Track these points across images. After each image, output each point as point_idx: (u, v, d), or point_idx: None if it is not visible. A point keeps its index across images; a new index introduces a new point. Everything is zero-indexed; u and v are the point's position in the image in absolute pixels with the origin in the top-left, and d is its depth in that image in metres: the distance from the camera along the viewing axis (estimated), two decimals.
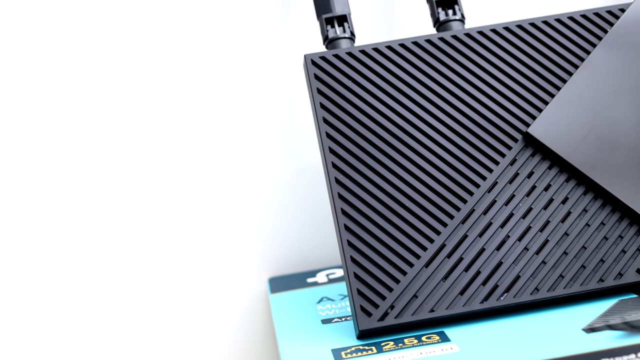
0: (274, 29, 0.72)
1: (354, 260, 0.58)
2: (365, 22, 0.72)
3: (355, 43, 0.70)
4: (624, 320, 0.55)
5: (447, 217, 0.59)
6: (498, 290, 0.57)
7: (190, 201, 0.73)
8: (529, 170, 0.60)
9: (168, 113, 0.72)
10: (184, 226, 0.73)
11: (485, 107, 0.61)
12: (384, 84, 0.61)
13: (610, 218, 0.59)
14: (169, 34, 0.71)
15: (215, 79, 0.72)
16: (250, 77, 0.72)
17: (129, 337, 0.73)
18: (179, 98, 0.72)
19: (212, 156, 0.73)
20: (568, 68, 0.62)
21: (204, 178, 0.73)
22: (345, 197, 0.59)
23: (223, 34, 0.72)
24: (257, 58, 0.72)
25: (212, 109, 0.72)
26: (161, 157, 0.72)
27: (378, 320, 0.56)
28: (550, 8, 0.72)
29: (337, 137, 0.60)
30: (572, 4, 0.72)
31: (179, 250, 0.73)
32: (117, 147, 0.72)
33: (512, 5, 0.73)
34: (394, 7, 0.72)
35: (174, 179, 0.72)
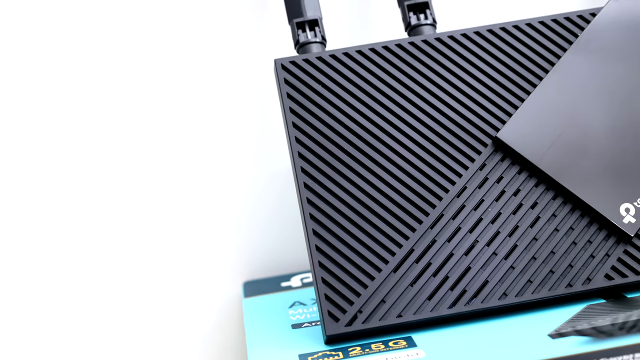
0: (248, 33, 0.72)
1: (322, 265, 0.58)
2: (340, 27, 0.72)
3: (329, 47, 0.70)
4: (592, 325, 0.55)
5: (415, 222, 0.59)
6: (466, 295, 0.57)
7: (166, 205, 0.73)
8: (498, 175, 0.60)
9: (141, 118, 0.72)
10: (159, 231, 0.73)
11: (455, 112, 0.61)
12: (354, 89, 0.61)
13: (579, 223, 0.59)
14: (141, 38, 0.71)
15: (189, 84, 0.72)
16: (225, 81, 0.72)
17: (101, 341, 0.73)
18: (152, 103, 0.72)
19: (186, 160, 0.73)
20: (539, 72, 0.62)
21: (178, 182, 0.73)
22: (313, 202, 0.59)
23: (196, 39, 0.72)
24: (231, 62, 0.72)
25: (186, 113, 0.72)
26: (135, 162, 0.72)
27: (345, 326, 0.56)
28: (523, 12, 0.72)
29: (306, 142, 0.60)
30: (545, 8, 0.72)
31: (154, 254, 0.73)
32: (89, 153, 0.72)
33: (484, 9, 0.73)
34: (368, 11, 0.72)
35: (148, 183, 0.72)
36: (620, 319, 0.55)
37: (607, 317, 0.56)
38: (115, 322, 0.73)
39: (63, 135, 0.71)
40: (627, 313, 0.56)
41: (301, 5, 0.65)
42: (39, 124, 0.71)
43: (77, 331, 0.73)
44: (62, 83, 0.71)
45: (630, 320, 0.55)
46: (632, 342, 0.52)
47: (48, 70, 0.71)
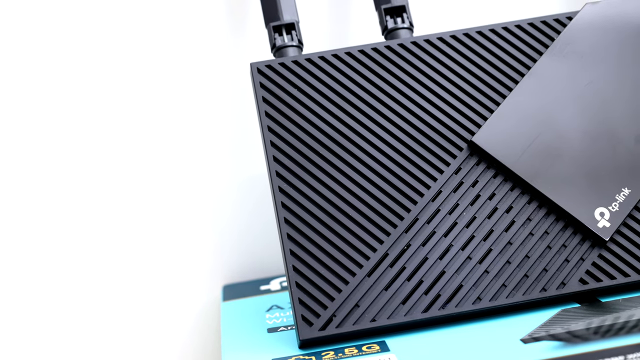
0: (228, 37, 0.72)
1: (296, 269, 0.58)
2: (318, 30, 0.72)
3: (308, 51, 0.70)
4: (566, 329, 0.54)
5: (390, 226, 0.59)
6: (440, 300, 0.57)
7: (145, 209, 0.73)
8: (474, 179, 0.60)
9: (119, 122, 0.72)
10: (139, 234, 0.73)
11: (430, 116, 0.61)
12: (330, 93, 0.61)
13: (554, 227, 0.59)
14: (120, 42, 0.71)
15: (169, 88, 0.72)
16: (206, 85, 0.72)
17: (78, 345, 0.73)
18: (131, 106, 0.72)
19: (165, 163, 0.73)
20: (514, 76, 0.62)
21: (158, 185, 0.73)
22: (288, 206, 0.59)
23: (176, 43, 0.72)
24: (212, 66, 0.72)
25: (165, 116, 0.72)
26: (114, 166, 0.72)
27: (319, 330, 0.56)
28: (500, 16, 0.72)
29: (281, 145, 0.60)
30: (523, 11, 0.72)
31: (133, 257, 0.73)
32: (69, 156, 0.72)
33: (462, 13, 0.73)
34: (346, 15, 0.72)
35: (128, 186, 0.72)
36: (595, 323, 0.55)
37: (581, 321, 0.55)
38: (93, 325, 0.73)
39: (39, 143, 0.71)
40: (602, 317, 0.56)
41: (278, 8, 0.65)
42: (17, 127, 0.71)
43: (54, 332, 0.72)
44: (43, 89, 0.71)
45: (605, 324, 0.55)
46: (607, 346, 0.52)
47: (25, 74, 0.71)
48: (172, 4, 0.71)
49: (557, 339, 0.53)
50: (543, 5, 0.73)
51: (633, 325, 0.54)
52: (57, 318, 0.72)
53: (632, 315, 0.55)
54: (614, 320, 0.55)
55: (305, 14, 0.71)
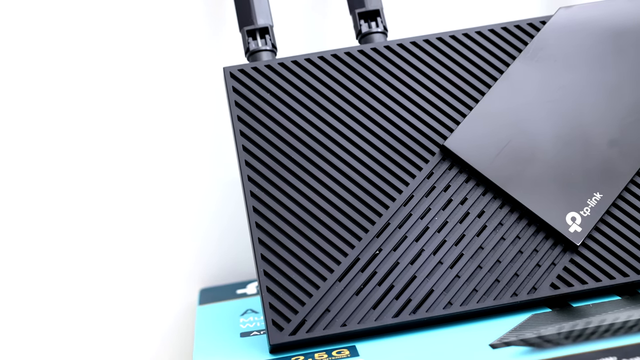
0: (206, 41, 0.72)
1: (267, 274, 0.57)
2: (294, 35, 0.72)
3: (284, 55, 0.70)
4: (537, 334, 0.54)
5: (361, 231, 0.58)
6: (411, 305, 0.57)
7: (124, 213, 0.73)
8: (446, 183, 0.60)
9: (97, 125, 0.72)
10: (116, 239, 0.73)
11: (403, 120, 0.61)
12: (302, 97, 0.61)
13: (526, 232, 0.59)
14: (95, 45, 0.71)
15: (148, 92, 0.72)
16: (185, 89, 0.72)
17: (53, 346, 0.72)
18: (111, 110, 0.72)
19: (143, 167, 0.72)
20: (487, 81, 0.62)
21: (136, 189, 0.73)
22: (260, 211, 0.59)
23: (155, 47, 0.71)
24: (189, 70, 0.72)
25: (143, 120, 0.72)
26: (92, 169, 0.72)
27: (290, 335, 0.56)
28: (475, 20, 0.71)
29: (253, 150, 0.60)
30: (498, 16, 0.72)
31: (113, 260, 0.73)
32: (48, 159, 0.72)
33: (437, 17, 0.73)
34: (322, 19, 0.72)
35: (107, 190, 0.72)
36: (566, 328, 0.55)
37: (552, 326, 0.55)
38: (69, 326, 0.73)
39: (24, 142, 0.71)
40: (573, 322, 0.56)
41: (252, 13, 0.65)
42: None
43: (30, 333, 0.72)
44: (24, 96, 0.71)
45: (576, 329, 0.55)
46: (579, 351, 0.52)
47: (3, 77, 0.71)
48: (151, 7, 0.71)
49: (528, 343, 0.53)
50: (524, 9, 0.73)
51: (605, 330, 0.54)
52: (33, 319, 0.72)
53: (603, 320, 0.55)
54: (585, 325, 0.55)
55: (282, 18, 0.71)
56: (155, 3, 0.71)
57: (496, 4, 0.74)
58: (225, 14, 0.71)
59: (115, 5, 0.71)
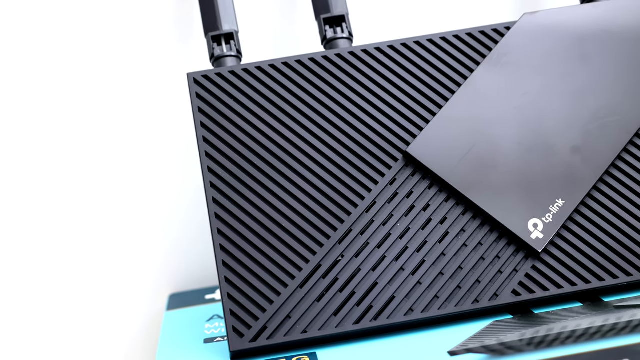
0: (175, 46, 0.72)
1: (228, 280, 0.57)
2: (263, 40, 0.72)
3: (251, 60, 0.70)
4: (499, 341, 0.54)
5: (323, 237, 0.58)
6: (372, 311, 0.57)
7: (95, 218, 0.73)
8: (408, 189, 0.60)
9: (69, 126, 0.72)
10: (86, 244, 0.73)
11: (366, 126, 0.61)
12: (266, 103, 0.61)
13: (488, 238, 0.59)
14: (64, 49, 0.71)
15: (116, 97, 0.72)
16: (157, 94, 0.72)
17: (17, 355, 0.72)
18: (82, 112, 0.72)
19: (113, 170, 0.72)
20: (451, 87, 0.62)
21: (106, 194, 0.72)
22: (222, 217, 0.59)
23: (125, 52, 0.71)
24: (160, 75, 0.72)
25: (114, 125, 0.72)
26: (61, 172, 0.72)
27: (250, 341, 0.56)
28: (441, 26, 0.71)
29: (216, 156, 0.60)
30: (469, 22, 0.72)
31: (82, 265, 0.73)
32: (16, 166, 0.72)
33: (404, 22, 0.73)
34: (290, 25, 0.72)
35: (75, 194, 0.72)
36: (528, 334, 0.55)
37: (514, 332, 0.55)
38: (34, 335, 0.73)
39: None
40: (535, 329, 0.55)
41: (217, 18, 0.65)
42: None
43: None
44: None
45: (538, 335, 0.55)
46: (541, 357, 0.52)
47: None
48: (120, 13, 0.71)
49: (490, 350, 0.53)
50: (484, 15, 0.73)
51: (567, 337, 0.54)
52: None
53: (565, 326, 0.55)
54: (547, 331, 0.55)
55: (251, 24, 0.71)
56: (125, 8, 0.71)
57: (466, 10, 0.74)
58: (195, 20, 0.71)
59: (84, 10, 0.71)
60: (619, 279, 0.58)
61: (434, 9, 0.73)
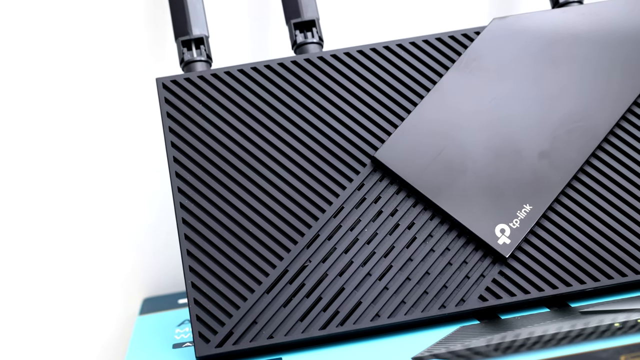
0: (150, 51, 0.72)
1: (195, 286, 0.57)
2: (239, 45, 0.72)
3: (224, 65, 0.70)
4: (466, 346, 0.54)
5: (290, 243, 0.58)
6: (339, 317, 0.57)
7: (67, 222, 0.73)
8: (376, 195, 0.60)
9: (43, 131, 0.72)
10: (59, 248, 0.73)
11: (335, 131, 0.61)
12: (234, 108, 0.61)
13: (456, 243, 0.59)
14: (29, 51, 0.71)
15: (88, 100, 0.72)
16: (132, 98, 0.72)
17: None
18: (54, 119, 0.72)
19: (86, 171, 0.72)
20: (421, 92, 0.62)
21: (77, 197, 0.72)
22: (189, 223, 0.59)
23: (95, 55, 0.71)
24: (133, 80, 0.72)
25: (89, 128, 0.72)
26: (33, 175, 0.72)
27: (216, 347, 0.56)
28: (411, 30, 0.71)
29: (184, 161, 0.60)
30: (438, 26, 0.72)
31: (54, 269, 0.73)
32: None
33: (375, 27, 0.73)
34: (263, 30, 0.72)
35: (46, 196, 0.72)
36: (495, 340, 0.55)
37: (481, 338, 0.55)
38: (3, 340, 0.72)
39: None
40: (502, 334, 0.55)
41: (187, 23, 0.65)
42: None
43: None
44: None
45: (505, 341, 0.54)
46: None
47: None
48: (90, 16, 0.71)
49: (457, 355, 0.53)
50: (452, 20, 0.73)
51: (534, 342, 0.54)
52: None
53: (532, 332, 0.55)
54: (514, 337, 0.55)
55: (224, 29, 0.71)
56: (96, 13, 0.71)
57: (439, 15, 0.74)
58: (168, 24, 0.71)
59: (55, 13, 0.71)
60: (586, 284, 0.58)
61: (406, 14, 0.73)
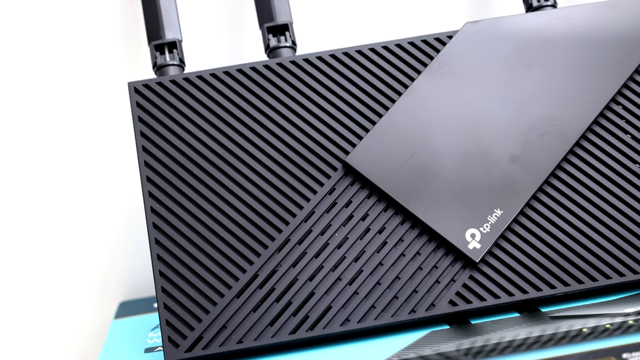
0: (127, 55, 0.71)
1: (165, 290, 0.57)
2: (215, 49, 0.71)
3: (200, 68, 0.69)
4: (436, 351, 0.54)
5: (261, 247, 0.58)
6: (308, 321, 0.57)
7: (45, 225, 0.73)
8: (347, 199, 0.60)
9: (11, 135, 0.72)
10: (36, 252, 0.73)
11: (306, 136, 0.61)
12: (206, 112, 0.61)
13: (426, 248, 0.59)
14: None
15: (61, 104, 0.72)
16: (109, 102, 0.72)
17: None
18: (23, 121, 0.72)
19: (61, 173, 0.72)
20: (392, 96, 0.62)
21: (54, 197, 0.72)
22: (159, 227, 0.59)
23: (68, 59, 0.71)
24: (109, 84, 0.72)
25: (60, 131, 0.72)
26: (7, 178, 0.72)
27: (185, 352, 0.56)
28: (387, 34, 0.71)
29: (155, 166, 0.60)
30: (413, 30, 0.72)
31: (28, 273, 0.73)
32: None
33: (349, 31, 0.73)
34: (243, 33, 0.72)
35: (20, 200, 0.72)
36: (466, 344, 0.55)
37: (451, 342, 0.55)
38: None
39: None
40: (472, 339, 0.55)
41: (160, 27, 0.65)
42: None
43: None
44: None
45: (476, 345, 0.54)
46: None
47: None
48: (64, 20, 0.71)
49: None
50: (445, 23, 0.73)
51: (504, 347, 0.54)
52: None
53: (503, 336, 0.55)
54: (484, 341, 0.55)
55: (200, 33, 0.71)
56: (69, 17, 0.71)
57: (415, 19, 0.74)
58: (142, 28, 0.71)
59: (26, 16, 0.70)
60: (556, 289, 0.58)
61: (381, 18, 0.73)
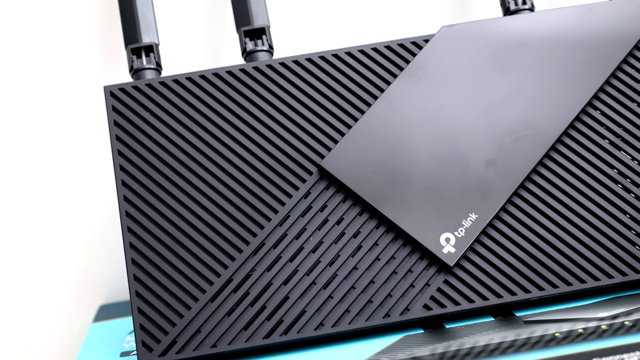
0: (105, 59, 0.71)
1: (139, 294, 0.57)
2: (193, 52, 0.71)
3: (178, 72, 0.69)
4: (410, 355, 0.54)
5: (236, 251, 0.58)
6: (282, 326, 0.57)
7: (26, 228, 0.73)
8: (322, 203, 0.59)
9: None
10: (13, 254, 0.73)
11: (282, 139, 0.61)
12: (182, 116, 0.61)
13: (401, 252, 0.59)
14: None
15: (37, 107, 0.72)
16: (76, 107, 0.72)
17: None
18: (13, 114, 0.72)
19: (38, 174, 0.72)
20: (369, 100, 0.62)
21: (30, 203, 0.72)
22: (134, 231, 0.59)
23: (44, 62, 0.71)
24: (77, 87, 0.72)
25: (39, 133, 0.72)
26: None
27: (159, 356, 0.56)
28: (363, 38, 0.71)
29: (130, 170, 0.60)
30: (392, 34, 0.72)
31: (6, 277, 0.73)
32: None
33: (327, 35, 0.73)
34: (221, 36, 0.72)
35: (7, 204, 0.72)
36: (440, 349, 0.55)
37: (425, 347, 0.55)
38: None
39: None
40: (446, 343, 0.55)
41: (137, 31, 0.65)
42: None
43: None
44: None
45: (450, 350, 0.54)
46: None
47: None
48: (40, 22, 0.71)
49: None
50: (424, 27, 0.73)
51: (479, 351, 0.54)
52: None
53: (477, 341, 0.55)
54: (459, 346, 0.55)
55: (180, 36, 0.71)
56: (46, 19, 0.71)
57: (394, 22, 0.74)
58: (120, 32, 0.71)
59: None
60: (531, 293, 0.58)
61: (358, 21, 0.73)
